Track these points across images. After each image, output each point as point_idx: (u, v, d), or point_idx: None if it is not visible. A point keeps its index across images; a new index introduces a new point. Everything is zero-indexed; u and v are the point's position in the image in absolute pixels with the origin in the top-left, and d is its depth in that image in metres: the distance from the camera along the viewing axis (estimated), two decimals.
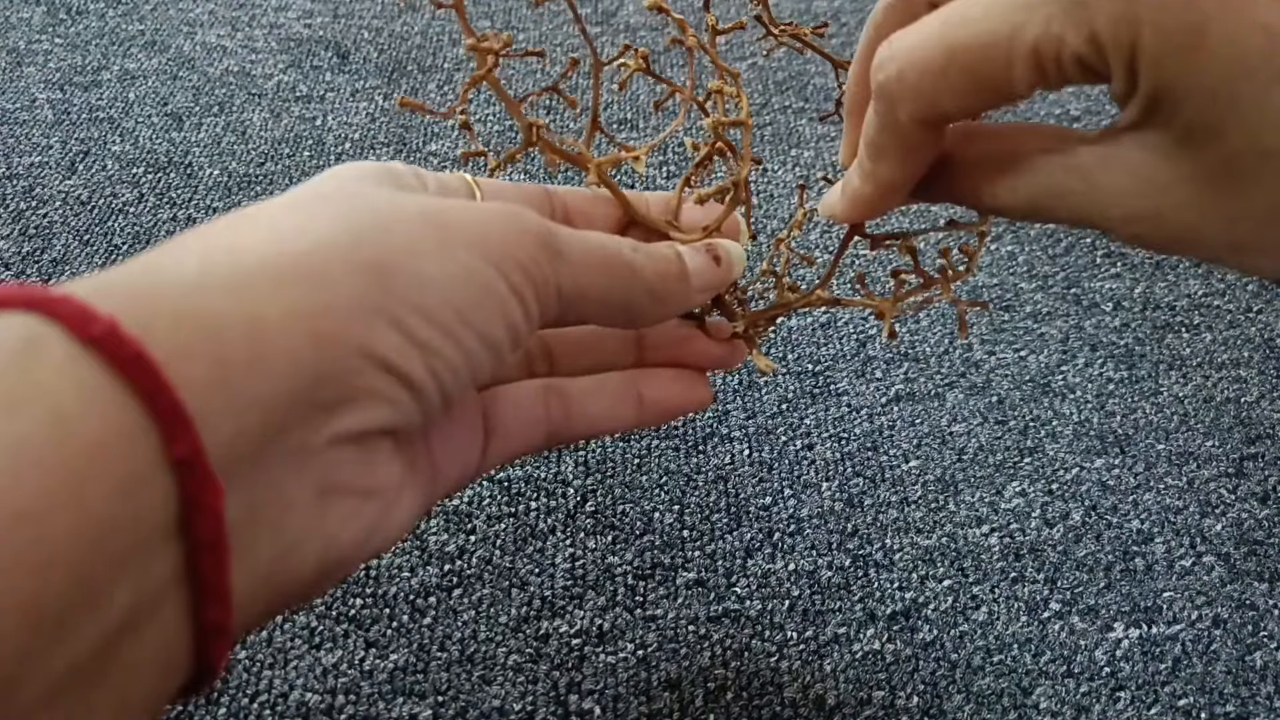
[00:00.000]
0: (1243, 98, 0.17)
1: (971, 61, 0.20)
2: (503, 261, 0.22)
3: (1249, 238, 0.19)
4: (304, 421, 0.18)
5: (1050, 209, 0.22)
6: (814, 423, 0.46)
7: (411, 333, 0.20)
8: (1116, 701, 0.37)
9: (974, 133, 0.24)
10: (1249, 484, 0.45)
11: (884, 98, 0.22)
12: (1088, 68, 0.19)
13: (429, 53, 0.70)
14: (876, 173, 0.24)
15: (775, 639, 0.38)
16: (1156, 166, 0.19)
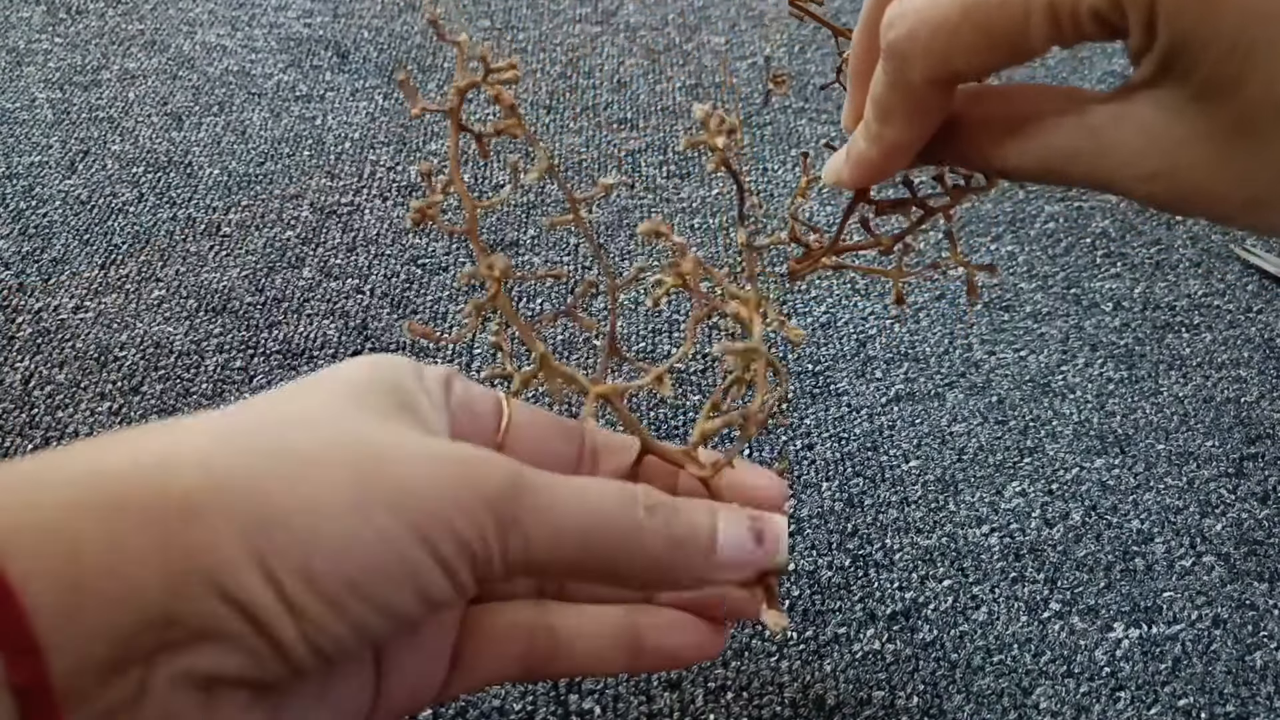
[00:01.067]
0: (1260, 47, 0.17)
1: (986, 18, 0.19)
2: (431, 528, 0.20)
3: (1265, 193, 0.18)
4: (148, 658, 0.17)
5: (1062, 170, 0.21)
6: (814, 423, 0.46)
7: (285, 593, 0.18)
8: (1116, 701, 0.37)
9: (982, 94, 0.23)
10: (1249, 484, 0.45)
11: (895, 56, 0.21)
12: (1104, 22, 0.18)
13: (429, 52, 0.70)
14: (883, 135, 0.23)
15: (775, 639, 0.38)
16: (1170, 124, 0.19)
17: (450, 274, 0.53)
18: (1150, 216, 0.59)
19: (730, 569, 0.23)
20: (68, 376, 0.46)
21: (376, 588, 0.19)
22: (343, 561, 0.19)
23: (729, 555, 0.23)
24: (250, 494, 0.18)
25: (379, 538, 0.19)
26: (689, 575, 0.23)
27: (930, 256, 0.52)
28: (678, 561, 0.23)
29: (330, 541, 0.19)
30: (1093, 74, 0.71)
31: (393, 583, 0.19)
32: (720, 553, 0.23)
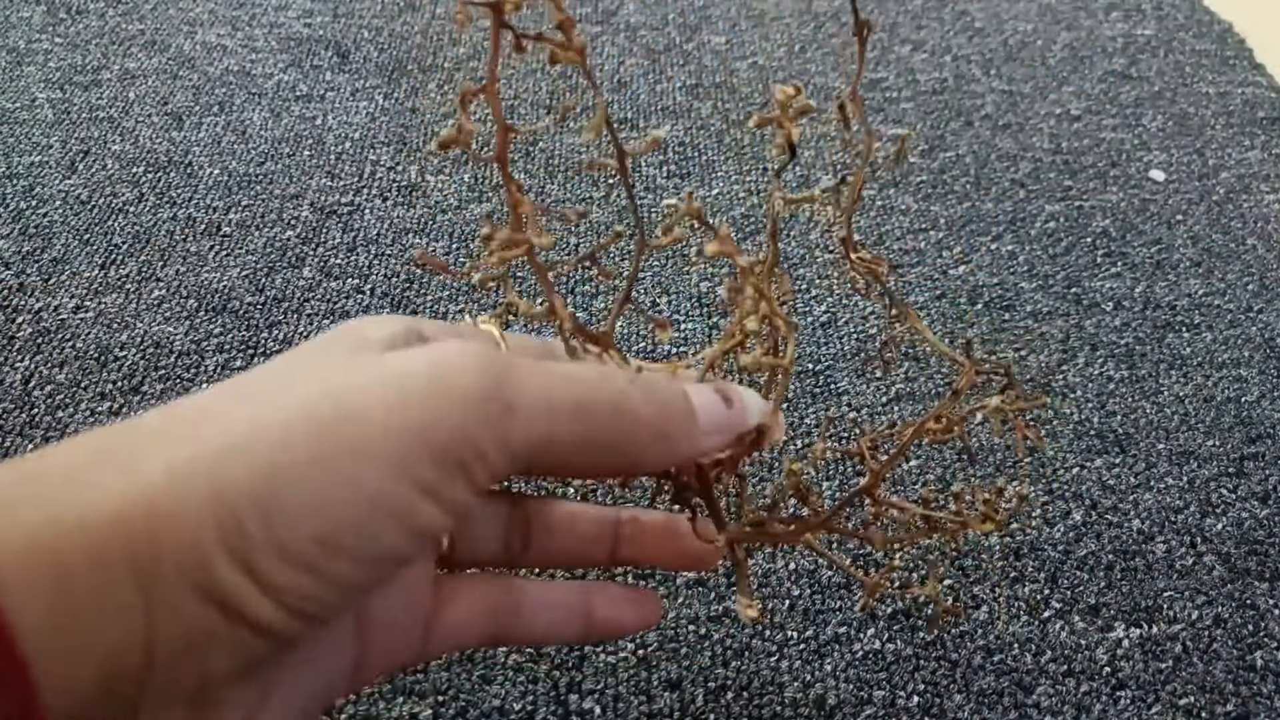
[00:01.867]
0: None
1: None
2: (409, 457, 0.19)
3: None
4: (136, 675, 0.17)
5: None
6: (814, 422, 0.46)
7: (259, 573, 0.18)
8: (1117, 701, 0.37)
9: None
10: (1249, 483, 0.45)
11: None
12: None
13: (429, 52, 0.70)
14: None
15: (776, 639, 0.38)
16: None
17: (450, 274, 0.53)
18: (1150, 216, 0.59)
19: (713, 433, 0.24)
20: (68, 376, 0.46)
21: (356, 539, 0.18)
22: (310, 522, 0.18)
23: (708, 418, 0.24)
24: (210, 483, 0.18)
25: (347, 487, 0.18)
26: (682, 441, 0.23)
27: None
28: (669, 428, 0.23)
29: (293, 505, 0.18)
30: (1093, 73, 0.71)
31: (373, 529, 0.19)
32: (700, 415, 0.24)
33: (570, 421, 0.21)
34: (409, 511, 0.19)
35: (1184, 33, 0.76)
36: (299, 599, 0.18)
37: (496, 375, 0.20)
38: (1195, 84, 0.71)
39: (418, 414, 0.19)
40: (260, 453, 0.18)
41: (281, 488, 0.18)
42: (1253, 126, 0.67)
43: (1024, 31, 0.76)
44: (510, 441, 0.20)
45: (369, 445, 0.18)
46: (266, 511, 0.18)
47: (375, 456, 0.18)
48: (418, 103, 0.65)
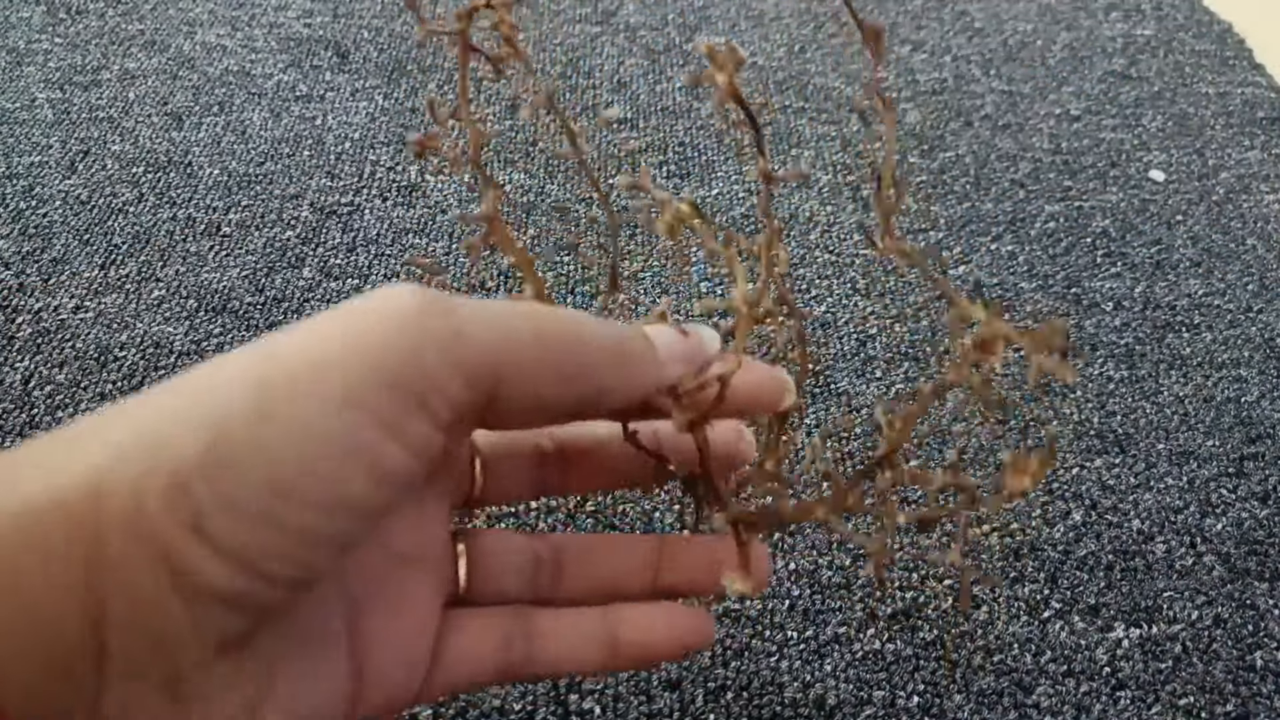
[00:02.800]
0: None
1: None
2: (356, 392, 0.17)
3: None
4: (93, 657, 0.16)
5: None
6: (814, 422, 0.46)
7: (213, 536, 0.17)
8: (1117, 701, 0.37)
9: None
10: (1249, 483, 0.45)
11: None
12: None
13: (429, 52, 0.70)
14: None
15: (776, 639, 0.38)
16: None
17: (451, 274, 0.53)
18: (1150, 216, 0.59)
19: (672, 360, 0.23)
20: (68, 376, 0.46)
21: (310, 484, 0.17)
22: (259, 471, 0.17)
23: (665, 346, 0.23)
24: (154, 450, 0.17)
25: (294, 428, 0.17)
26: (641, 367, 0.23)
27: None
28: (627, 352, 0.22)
29: (240, 457, 0.17)
30: (1093, 73, 0.71)
31: (329, 471, 0.17)
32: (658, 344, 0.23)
33: (524, 346, 0.20)
34: (368, 449, 0.18)
35: (1184, 33, 0.76)
36: (259, 557, 0.17)
37: (441, 301, 0.19)
38: (1195, 84, 0.71)
39: (360, 343, 0.18)
40: (199, 415, 0.17)
41: (224, 442, 0.17)
42: (1252, 126, 0.67)
43: (1024, 32, 0.76)
44: (463, 364, 0.19)
45: (315, 383, 0.17)
46: (211, 469, 0.17)
47: (323, 393, 0.17)
48: (418, 103, 0.65)
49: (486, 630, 0.25)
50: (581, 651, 0.25)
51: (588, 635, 0.25)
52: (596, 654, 0.25)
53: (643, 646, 0.25)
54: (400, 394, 0.18)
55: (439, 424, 0.19)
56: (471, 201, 0.57)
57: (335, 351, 0.18)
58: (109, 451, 0.17)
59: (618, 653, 0.25)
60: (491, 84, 0.67)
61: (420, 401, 0.18)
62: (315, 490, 0.17)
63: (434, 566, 0.24)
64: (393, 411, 0.18)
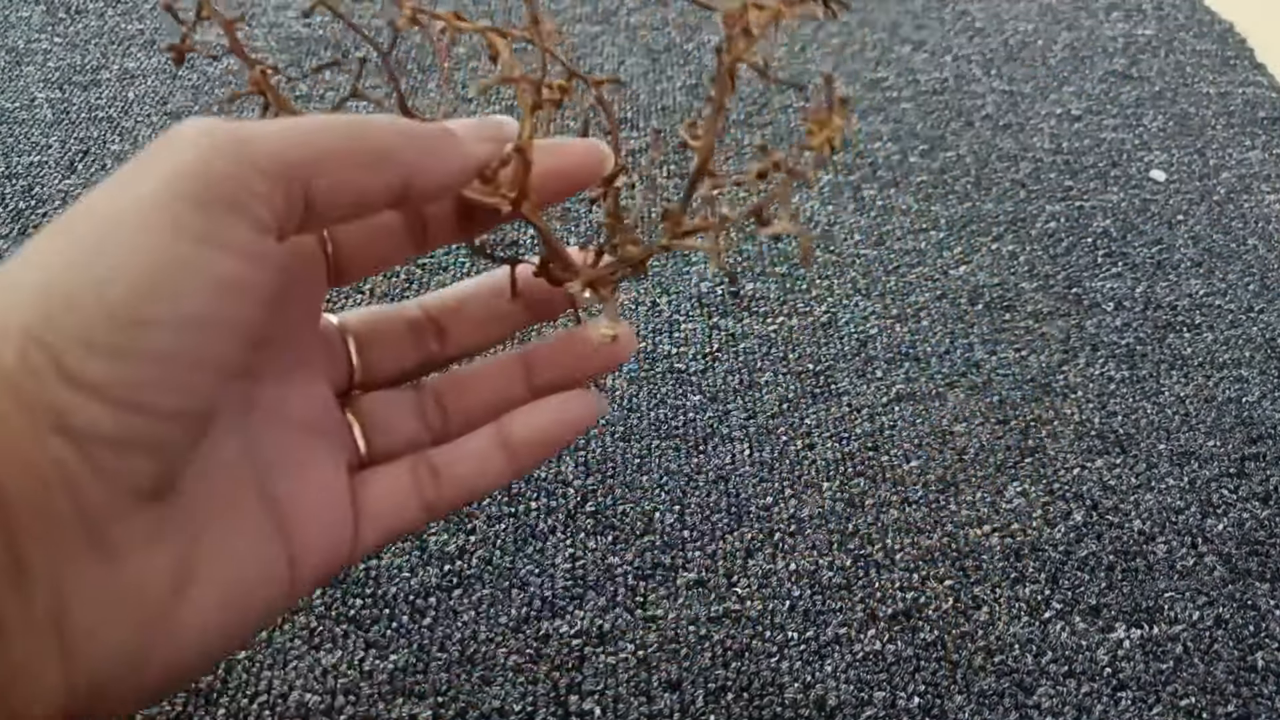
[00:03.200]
0: None
1: None
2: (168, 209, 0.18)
3: None
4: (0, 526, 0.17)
5: None
6: (814, 422, 0.46)
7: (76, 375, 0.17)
8: (1118, 702, 0.37)
9: None
10: (1250, 484, 0.45)
11: None
12: None
13: (429, 52, 0.70)
14: None
15: (776, 639, 0.38)
16: None
17: (450, 274, 0.53)
18: (1151, 216, 0.59)
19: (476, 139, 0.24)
20: None
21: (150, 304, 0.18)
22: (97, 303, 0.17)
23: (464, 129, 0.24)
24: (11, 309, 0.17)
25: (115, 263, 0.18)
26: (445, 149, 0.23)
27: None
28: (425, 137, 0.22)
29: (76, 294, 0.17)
30: (1094, 73, 0.71)
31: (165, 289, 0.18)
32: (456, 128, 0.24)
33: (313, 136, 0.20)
34: (194, 263, 0.18)
35: (1185, 33, 0.76)
36: (131, 389, 0.18)
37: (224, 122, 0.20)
38: (1196, 84, 0.71)
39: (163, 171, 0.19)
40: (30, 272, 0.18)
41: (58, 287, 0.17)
42: (1253, 126, 0.67)
43: (1024, 31, 0.76)
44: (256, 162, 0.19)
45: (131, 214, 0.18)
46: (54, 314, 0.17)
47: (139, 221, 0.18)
48: (417, 103, 0.65)
49: (396, 479, 0.26)
50: (486, 466, 0.26)
51: (486, 451, 0.26)
52: (500, 463, 0.26)
53: (537, 438, 0.26)
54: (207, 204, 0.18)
55: (259, 225, 0.19)
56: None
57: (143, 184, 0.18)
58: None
59: (518, 454, 0.26)
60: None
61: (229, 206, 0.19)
62: (159, 311, 0.18)
63: (332, 436, 0.25)
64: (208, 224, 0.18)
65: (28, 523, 0.17)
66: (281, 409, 0.24)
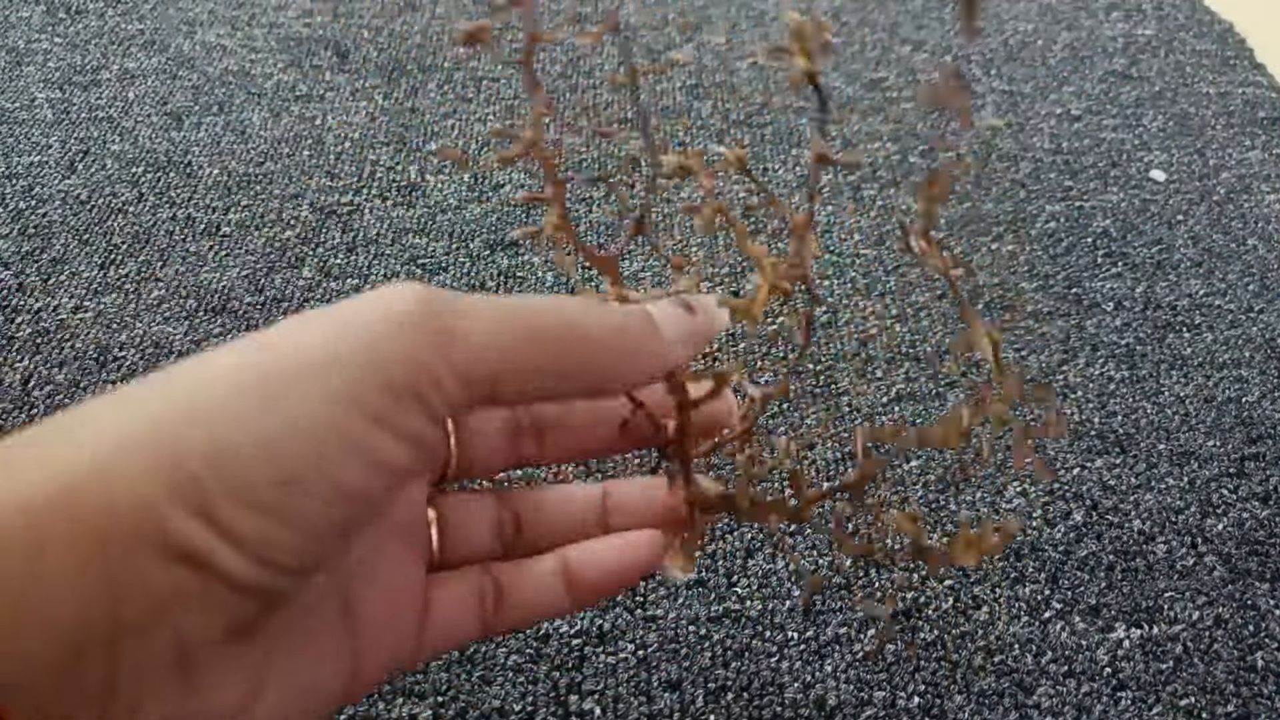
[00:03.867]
0: None
1: None
2: (356, 388, 0.18)
3: None
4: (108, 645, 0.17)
5: None
6: (814, 422, 0.46)
7: (221, 522, 0.17)
8: (1118, 702, 0.37)
9: None
10: (1250, 484, 0.45)
11: None
12: None
13: (429, 52, 0.70)
14: None
15: (776, 639, 0.38)
16: None
17: (450, 274, 0.53)
18: (1151, 216, 0.59)
19: (677, 342, 0.23)
20: (67, 376, 0.46)
21: (314, 477, 0.18)
22: (266, 465, 0.17)
23: (671, 327, 0.23)
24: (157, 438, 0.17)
25: (296, 424, 0.18)
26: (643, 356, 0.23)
27: None
28: (627, 343, 0.22)
29: (245, 448, 0.17)
30: (1094, 73, 0.71)
31: (330, 465, 0.18)
32: (664, 326, 0.23)
33: (520, 346, 0.20)
34: (365, 444, 0.18)
35: (1184, 33, 0.76)
36: (267, 547, 0.18)
37: (436, 300, 0.19)
38: (1196, 84, 0.71)
39: (359, 342, 0.19)
40: (204, 405, 0.18)
41: (230, 433, 0.17)
42: (1253, 126, 0.67)
43: (1024, 31, 0.76)
44: (458, 366, 0.19)
45: (314, 381, 0.18)
46: (218, 459, 0.17)
47: (322, 390, 0.18)
48: (417, 103, 0.65)
49: (462, 591, 0.26)
50: (548, 596, 0.26)
51: (549, 579, 0.26)
52: (560, 595, 0.26)
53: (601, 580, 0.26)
54: (396, 392, 0.19)
55: (434, 418, 0.19)
56: (471, 202, 0.57)
57: (333, 348, 0.18)
58: (112, 442, 0.17)
59: (580, 591, 0.26)
60: (491, 84, 0.67)
61: (416, 398, 0.19)
62: (317, 482, 0.18)
63: (416, 536, 0.25)
64: (389, 409, 0.19)
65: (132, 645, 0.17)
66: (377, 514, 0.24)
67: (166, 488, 0.17)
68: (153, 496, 0.17)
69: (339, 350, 0.18)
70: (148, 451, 0.17)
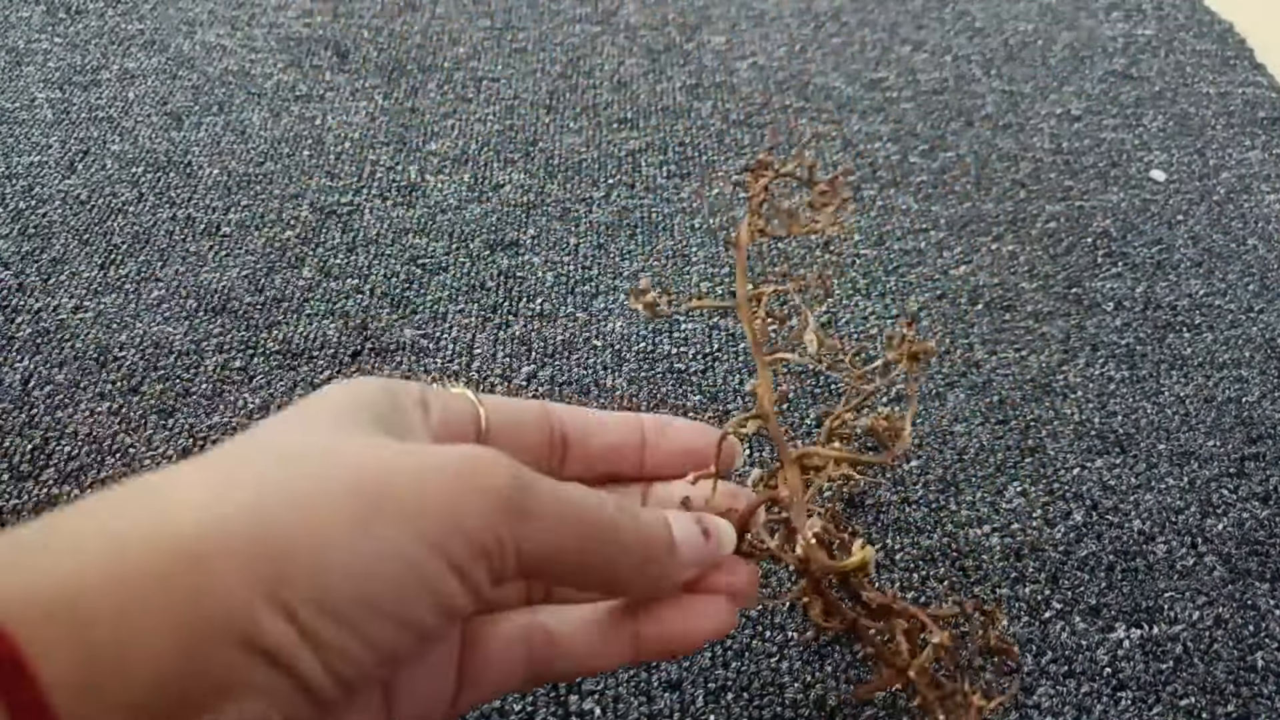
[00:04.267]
0: None
1: None
2: (444, 536, 0.20)
3: None
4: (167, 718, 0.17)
5: None
6: (814, 422, 0.46)
7: (304, 625, 0.18)
8: (1118, 702, 0.37)
9: None
10: (1250, 484, 0.45)
11: None
12: None
13: (429, 52, 0.70)
14: None
15: (776, 639, 0.38)
16: None
17: (450, 274, 0.53)
18: (1151, 216, 0.59)
19: (688, 563, 0.25)
20: (67, 376, 0.46)
21: (393, 604, 0.19)
22: (355, 583, 0.19)
23: (687, 550, 0.25)
24: (253, 532, 0.18)
25: (388, 554, 0.19)
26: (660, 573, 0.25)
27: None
28: (652, 560, 0.24)
29: (340, 565, 0.19)
30: (1094, 73, 0.71)
31: (409, 596, 0.20)
32: (680, 547, 0.25)
33: (574, 538, 0.22)
34: (442, 588, 0.20)
35: (1184, 33, 0.76)
36: (341, 659, 0.19)
37: (523, 483, 0.21)
38: (1196, 84, 0.71)
39: (455, 500, 0.20)
40: (303, 509, 0.19)
41: (325, 544, 0.19)
42: (1253, 126, 0.67)
43: (1024, 31, 0.76)
44: (522, 542, 0.21)
45: (415, 519, 0.20)
46: (311, 566, 0.18)
47: (416, 529, 0.20)
48: (418, 103, 0.65)
49: (509, 636, 0.26)
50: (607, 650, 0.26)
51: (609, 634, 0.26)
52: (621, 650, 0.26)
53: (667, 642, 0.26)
54: (473, 549, 0.20)
55: (494, 579, 0.21)
56: (471, 202, 0.57)
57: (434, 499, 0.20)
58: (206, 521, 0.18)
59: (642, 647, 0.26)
60: (491, 84, 0.67)
61: (486, 557, 0.21)
62: (395, 609, 0.19)
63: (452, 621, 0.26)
64: (464, 560, 0.20)
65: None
66: None
67: (257, 581, 0.18)
68: (242, 587, 0.18)
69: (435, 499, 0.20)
70: (242, 540, 0.18)
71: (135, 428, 0.44)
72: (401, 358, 0.48)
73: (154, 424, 0.44)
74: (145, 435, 0.44)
